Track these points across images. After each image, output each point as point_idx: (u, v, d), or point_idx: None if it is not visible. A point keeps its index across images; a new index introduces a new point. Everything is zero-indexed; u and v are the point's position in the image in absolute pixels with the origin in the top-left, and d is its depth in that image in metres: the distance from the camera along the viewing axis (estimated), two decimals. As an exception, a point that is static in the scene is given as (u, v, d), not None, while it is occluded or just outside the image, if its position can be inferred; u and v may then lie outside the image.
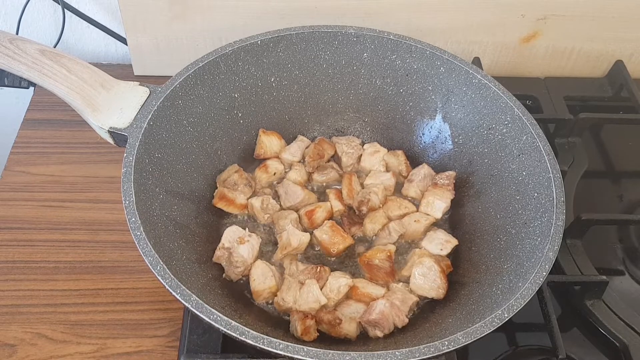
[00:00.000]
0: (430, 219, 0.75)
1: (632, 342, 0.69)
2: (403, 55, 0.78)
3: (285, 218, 0.73)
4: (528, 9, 0.91)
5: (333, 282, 0.68)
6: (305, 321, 0.63)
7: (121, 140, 0.67)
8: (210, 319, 0.53)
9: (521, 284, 0.59)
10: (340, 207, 0.76)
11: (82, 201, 0.82)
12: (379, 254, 0.70)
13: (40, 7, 0.97)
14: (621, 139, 0.94)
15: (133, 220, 0.58)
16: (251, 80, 0.78)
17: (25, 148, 0.88)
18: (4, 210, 0.81)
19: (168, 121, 0.70)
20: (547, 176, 0.66)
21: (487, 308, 0.60)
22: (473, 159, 0.77)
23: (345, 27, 0.78)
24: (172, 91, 0.70)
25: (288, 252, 0.71)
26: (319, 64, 0.80)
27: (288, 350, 0.51)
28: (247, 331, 0.52)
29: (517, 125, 0.71)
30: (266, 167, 0.78)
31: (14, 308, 0.71)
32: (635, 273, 0.77)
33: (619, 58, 0.98)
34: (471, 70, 0.75)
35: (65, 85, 0.65)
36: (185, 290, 0.54)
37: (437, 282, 0.68)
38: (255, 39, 0.76)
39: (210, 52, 0.74)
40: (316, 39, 0.78)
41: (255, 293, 0.68)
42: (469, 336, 0.54)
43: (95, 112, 0.66)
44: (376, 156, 0.80)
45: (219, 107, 0.76)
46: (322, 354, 0.51)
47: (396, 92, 0.81)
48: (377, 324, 0.65)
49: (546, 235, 0.62)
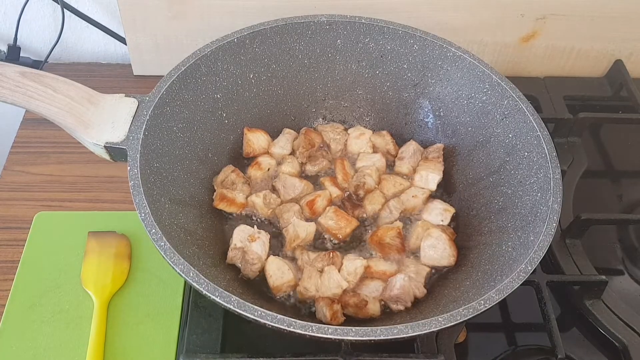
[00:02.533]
0: (426, 192, 0.77)
1: (631, 342, 0.69)
2: (376, 37, 0.80)
3: (288, 211, 0.74)
4: (527, 9, 0.91)
5: (349, 265, 0.69)
6: (333, 306, 0.65)
7: (118, 155, 0.65)
8: (255, 315, 0.53)
9: (533, 237, 0.62)
10: (338, 192, 0.77)
11: (82, 201, 0.82)
12: (389, 232, 0.71)
13: (39, 6, 0.96)
14: (621, 139, 0.94)
15: (154, 232, 0.58)
16: (231, 79, 0.78)
17: (25, 148, 0.87)
18: (4, 210, 0.81)
19: (160, 129, 0.69)
20: (535, 134, 0.70)
21: (505, 265, 0.63)
22: (457, 129, 0.80)
23: (317, 16, 0.79)
24: (160, 99, 0.68)
25: (297, 244, 0.72)
26: (295, 56, 0.81)
27: (337, 333, 0.53)
28: (295, 322, 0.53)
29: (497, 91, 0.75)
30: (258, 164, 0.78)
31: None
32: (634, 273, 0.78)
33: (618, 58, 0.99)
34: (444, 45, 0.78)
35: (54, 106, 0.63)
36: (224, 292, 0.54)
37: (447, 251, 0.71)
38: (232, 37, 0.75)
39: (190, 55, 0.73)
40: (290, 30, 0.79)
41: (275, 288, 0.68)
42: (501, 293, 0.56)
43: (87, 130, 0.64)
44: (362, 139, 0.82)
45: (203, 110, 0.76)
46: (371, 332, 0.53)
47: (372, 74, 0.83)
48: (399, 298, 0.67)
49: (546, 190, 0.65)
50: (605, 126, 0.96)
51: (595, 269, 0.76)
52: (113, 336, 0.69)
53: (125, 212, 0.80)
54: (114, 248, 0.75)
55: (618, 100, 0.98)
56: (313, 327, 0.52)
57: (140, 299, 0.72)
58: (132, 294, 0.73)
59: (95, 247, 0.75)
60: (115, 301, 0.72)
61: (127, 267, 0.74)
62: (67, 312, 0.71)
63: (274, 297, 0.69)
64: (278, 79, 0.81)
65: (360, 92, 0.84)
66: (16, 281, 0.73)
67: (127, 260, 0.75)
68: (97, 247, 0.75)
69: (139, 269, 0.75)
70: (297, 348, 0.65)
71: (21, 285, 0.72)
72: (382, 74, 0.83)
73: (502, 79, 0.74)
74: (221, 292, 0.54)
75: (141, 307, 0.72)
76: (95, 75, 1.00)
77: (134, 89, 0.97)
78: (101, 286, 0.72)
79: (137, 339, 0.69)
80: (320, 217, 0.74)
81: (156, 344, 0.69)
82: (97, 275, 0.73)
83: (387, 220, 0.75)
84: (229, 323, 0.70)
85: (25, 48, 1.01)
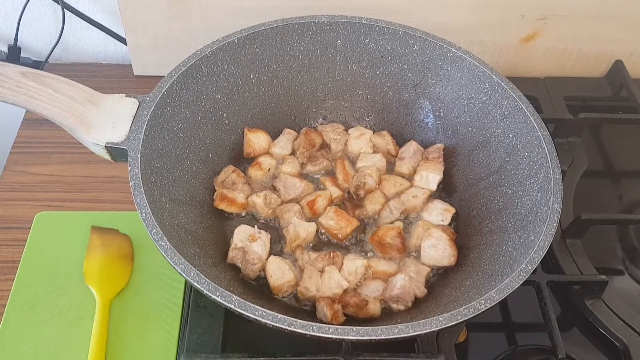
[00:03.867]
0: (426, 192, 0.77)
1: (631, 342, 0.70)
2: (376, 37, 0.80)
3: (289, 211, 0.74)
4: (528, 9, 0.91)
5: (350, 265, 0.69)
6: (334, 306, 0.65)
7: (119, 155, 0.65)
8: (256, 315, 0.53)
9: (533, 237, 0.62)
10: (339, 192, 0.77)
11: (82, 201, 0.82)
12: (390, 232, 0.72)
13: (40, 7, 0.97)
14: (621, 139, 0.94)
15: (155, 232, 0.58)
16: (232, 79, 0.78)
17: (25, 148, 0.88)
18: (4, 210, 0.81)
19: (161, 129, 0.69)
20: (536, 135, 0.70)
21: (505, 265, 0.63)
22: (457, 129, 0.80)
23: (318, 17, 0.79)
24: (160, 99, 0.69)
25: (298, 244, 0.72)
26: (295, 56, 0.81)
27: (338, 333, 0.53)
28: (295, 321, 0.53)
29: (497, 92, 0.75)
30: (259, 164, 0.79)
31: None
32: (634, 273, 0.78)
33: (618, 58, 0.98)
34: (445, 45, 0.78)
35: (55, 106, 0.63)
36: (225, 292, 0.54)
37: (447, 251, 0.71)
38: (232, 38, 0.76)
39: (190, 56, 0.73)
40: (290, 31, 0.79)
41: (276, 288, 0.68)
42: (501, 292, 0.56)
43: (89, 130, 0.64)
44: (362, 139, 0.82)
45: (204, 110, 0.76)
46: (372, 331, 0.53)
47: (373, 74, 0.83)
48: (400, 298, 0.67)
49: (547, 190, 0.65)
50: (605, 126, 0.96)
51: (596, 268, 0.76)
52: (114, 336, 0.69)
53: (125, 212, 0.80)
54: (117, 247, 0.75)
55: (618, 100, 0.98)
56: (314, 327, 0.52)
57: (140, 298, 0.72)
58: (133, 294, 0.73)
59: (97, 243, 0.75)
60: (116, 301, 0.72)
61: (130, 268, 0.74)
62: (67, 312, 0.71)
63: (275, 297, 0.69)
64: (278, 79, 0.81)
65: (360, 93, 0.84)
66: (16, 281, 0.73)
67: (129, 261, 0.75)
68: (99, 243, 0.75)
69: (139, 269, 0.75)
70: (297, 348, 0.65)
71: (21, 285, 0.72)
72: (383, 74, 0.83)
73: (502, 79, 0.75)
74: (222, 291, 0.54)
75: (142, 307, 0.72)
76: (95, 75, 1.01)
77: (134, 89, 0.97)
78: (104, 284, 0.72)
79: (137, 339, 0.69)
80: (320, 217, 0.74)
81: (157, 344, 0.69)
82: (100, 272, 0.73)
83: (388, 220, 0.75)
84: (230, 323, 0.70)
85: (26, 48, 1.02)
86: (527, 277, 0.58)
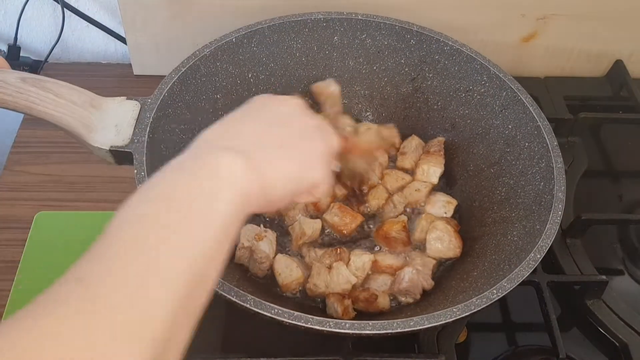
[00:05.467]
0: (428, 186, 0.78)
1: (632, 342, 0.69)
2: (373, 33, 0.81)
3: (293, 209, 0.74)
4: (528, 9, 0.91)
5: (357, 260, 0.69)
6: (344, 301, 0.65)
7: (123, 159, 0.65)
8: (272, 313, 0.53)
9: (539, 225, 0.63)
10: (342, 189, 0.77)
11: (82, 201, 0.81)
12: (395, 226, 0.72)
13: (39, 6, 0.95)
14: (621, 139, 0.94)
15: (165, 234, 0.57)
16: (230, 79, 0.77)
17: (25, 147, 0.87)
18: (4, 210, 0.80)
19: (163, 131, 0.68)
20: (535, 125, 0.71)
21: (512, 254, 0.64)
22: (455, 122, 0.81)
23: (314, 13, 0.79)
24: (162, 101, 0.68)
25: (303, 241, 0.72)
26: (293, 54, 0.81)
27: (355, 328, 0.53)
28: (312, 318, 0.53)
29: (495, 84, 0.76)
30: (260, 162, 0.78)
31: (14, 308, 0.70)
32: (635, 273, 0.78)
33: (618, 58, 0.98)
34: (442, 39, 0.78)
35: (57, 111, 0.62)
36: (240, 291, 0.54)
37: (452, 242, 0.71)
38: (230, 37, 0.75)
39: (189, 56, 0.73)
40: (287, 28, 0.79)
41: (284, 286, 0.68)
42: (512, 281, 0.57)
43: (92, 134, 0.64)
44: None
45: (204, 111, 0.75)
46: (388, 325, 0.53)
47: (370, 70, 0.83)
48: (408, 291, 0.67)
49: (550, 179, 0.66)
50: (605, 126, 0.95)
51: (596, 268, 0.75)
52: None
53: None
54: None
55: (618, 100, 0.97)
56: (330, 323, 0.53)
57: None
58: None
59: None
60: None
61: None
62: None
63: (283, 294, 0.69)
64: (276, 77, 0.81)
65: (358, 88, 0.85)
66: (16, 281, 0.72)
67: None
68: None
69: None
70: (297, 348, 0.64)
71: (21, 285, 0.72)
72: (380, 69, 0.83)
73: (499, 70, 0.75)
74: (237, 291, 0.54)
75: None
76: (95, 75, 1.00)
77: (134, 88, 0.96)
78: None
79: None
80: (325, 213, 0.74)
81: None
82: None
83: (392, 214, 0.75)
84: (230, 323, 0.70)
85: (25, 48, 1.00)
86: (528, 278, 0.58)
